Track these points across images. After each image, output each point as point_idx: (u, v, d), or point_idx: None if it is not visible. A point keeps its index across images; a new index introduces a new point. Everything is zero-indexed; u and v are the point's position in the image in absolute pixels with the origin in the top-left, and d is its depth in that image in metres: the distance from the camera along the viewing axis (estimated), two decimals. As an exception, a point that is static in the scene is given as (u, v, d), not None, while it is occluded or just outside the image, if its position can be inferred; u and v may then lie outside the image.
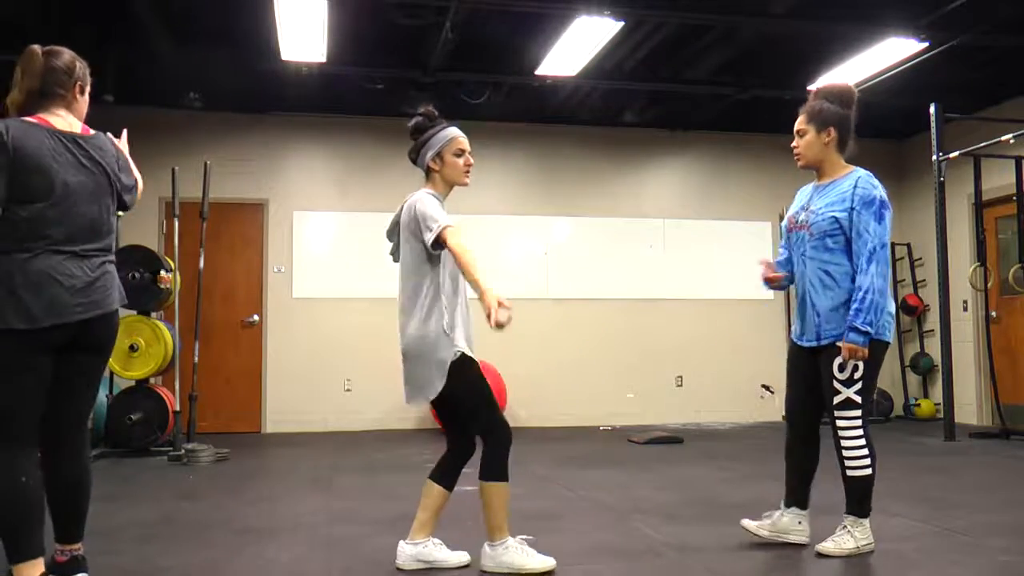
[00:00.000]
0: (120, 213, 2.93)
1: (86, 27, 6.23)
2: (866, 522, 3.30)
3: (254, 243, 8.35)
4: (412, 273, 3.10)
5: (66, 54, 2.83)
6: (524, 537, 3.15)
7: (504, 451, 3.06)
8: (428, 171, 3.19)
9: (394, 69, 7.24)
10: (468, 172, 3.21)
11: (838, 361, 3.27)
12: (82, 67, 2.86)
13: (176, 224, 6.78)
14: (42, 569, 2.58)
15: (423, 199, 3.08)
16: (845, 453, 3.27)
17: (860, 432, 3.27)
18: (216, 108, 8.02)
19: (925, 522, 3.84)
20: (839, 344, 3.25)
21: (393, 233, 3.24)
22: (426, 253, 3.05)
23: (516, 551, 3.05)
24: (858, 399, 3.27)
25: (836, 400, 3.29)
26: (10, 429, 2.59)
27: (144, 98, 7.66)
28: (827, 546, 3.29)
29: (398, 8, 6.06)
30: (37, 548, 2.58)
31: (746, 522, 3.50)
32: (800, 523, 3.43)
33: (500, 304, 2.75)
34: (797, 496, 3.44)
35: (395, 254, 3.24)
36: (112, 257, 2.84)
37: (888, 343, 3.34)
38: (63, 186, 2.67)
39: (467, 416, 3.14)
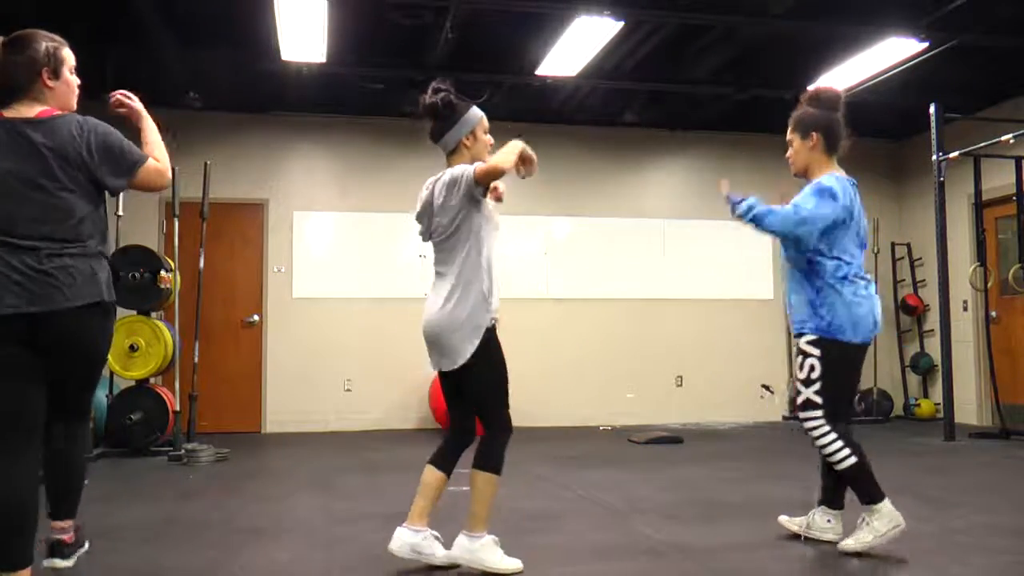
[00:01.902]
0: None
1: (85, 25, 6.23)
2: (882, 507, 3.27)
3: (254, 243, 8.34)
4: (448, 247, 3.11)
5: (27, 42, 2.65)
6: (494, 538, 3.11)
7: (504, 443, 3.07)
8: (457, 148, 3.20)
9: (394, 69, 7.23)
10: (489, 150, 3.26)
11: (799, 359, 3.33)
12: (48, 50, 2.67)
13: (176, 224, 6.79)
14: None
15: (454, 169, 3.11)
16: (823, 452, 3.32)
17: (826, 430, 3.27)
18: (216, 108, 8.01)
19: (925, 522, 3.84)
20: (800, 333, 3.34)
21: (424, 214, 3.23)
22: (462, 225, 3.05)
23: (491, 549, 3.05)
24: (817, 400, 3.28)
25: (799, 400, 3.35)
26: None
27: (144, 98, 7.55)
28: (848, 543, 3.29)
29: (398, 8, 6.06)
30: (28, 558, 2.51)
31: (783, 518, 3.55)
32: (829, 521, 3.45)
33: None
34: (827, 495, 3.48)
35: (425, 234, 3.25)
36: (75, 249, 2.63)
37: (846, 343, 3.27)
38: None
39: (478, 392, 3.10)
